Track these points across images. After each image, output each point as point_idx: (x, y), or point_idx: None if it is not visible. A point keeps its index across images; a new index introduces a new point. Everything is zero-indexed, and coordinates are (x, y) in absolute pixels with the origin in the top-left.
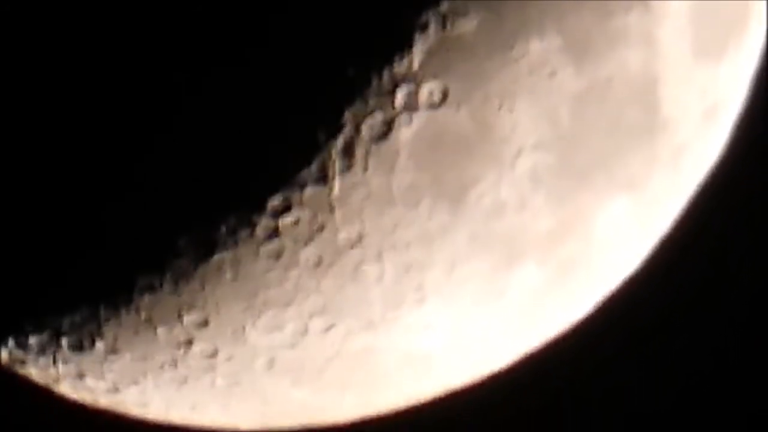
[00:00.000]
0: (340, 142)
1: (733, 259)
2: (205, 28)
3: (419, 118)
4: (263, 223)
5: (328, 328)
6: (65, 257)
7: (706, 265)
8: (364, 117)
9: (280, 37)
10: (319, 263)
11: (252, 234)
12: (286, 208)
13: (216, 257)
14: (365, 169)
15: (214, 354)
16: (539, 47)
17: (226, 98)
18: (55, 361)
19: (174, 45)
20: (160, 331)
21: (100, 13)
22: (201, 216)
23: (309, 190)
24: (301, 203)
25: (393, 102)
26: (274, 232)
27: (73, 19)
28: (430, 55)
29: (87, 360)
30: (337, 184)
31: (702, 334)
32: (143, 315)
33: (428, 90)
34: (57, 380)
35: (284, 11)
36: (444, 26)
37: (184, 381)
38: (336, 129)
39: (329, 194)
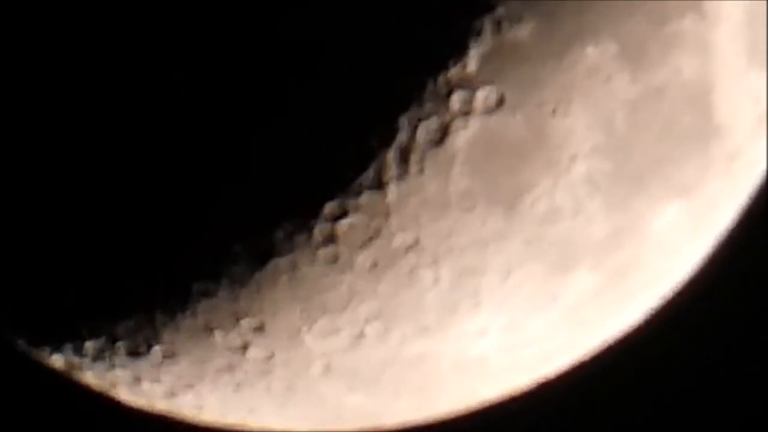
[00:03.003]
0: (395, 147)
1: None
2: (268, 37)
3: (474, 123)
4: (319, 229)
5: (384, 333)
6: (122, 263)
7: (761, 271)
8: (420, 122)
9: (337, 43)
10: (374, 268)
11: (308, 239)
12: (343, 214)
13: (272, 262)
14: (421, 174)
15: (270, 358)
16: (594, 53)
17: (283, 105)
18: (111, 367)
19: (235, 58)
20: (217, 335)
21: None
22: (258, 222)
23: (365, 196)
24: (357, 208)
25: (448, 107)
26: (331, 238)
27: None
28: (485, 60)
29: (143, 365)
30: (392, 190)
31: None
32: (200, 320)
33: (483, 95)
34: (114, 385)
35: (342, 18)
36: (499, 31)
37: (240, 385)
38: (391, 134)
39: (385, 199)
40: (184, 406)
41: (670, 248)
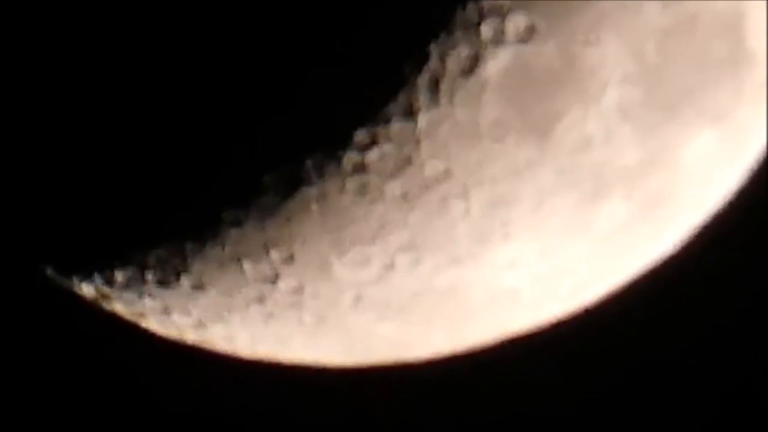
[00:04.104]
0: (425, 76)
1: None
2: None
3: (506, 52)
4: (349, 158)
5: (415, 264)
6: (151, 192)
7: None
8: (450, 51)
9: None
10: (405, 198)
11: (338, 168)
12: (372, 143)
13: (302, 192)
14: (451, 103)
15: (300, 290)
16: None
17: (313, 34)
18: (141, 297)
19: None
20: (246, 266)
21: None
22: (287, 151)
23: (395, 125)
24: (387, 137)
25: (479, 36)
26: (360, 167)
27: None
28: None
29: (173, 295)
30: (423, 119)
31: None
32: (229, 251)
33: (514, 24)
34: (143, 316)
35: None
36: None
37: (271, 317)
38: (421, 63)
39: (415, 129)
40: (214, 338)
41: (702, 176)
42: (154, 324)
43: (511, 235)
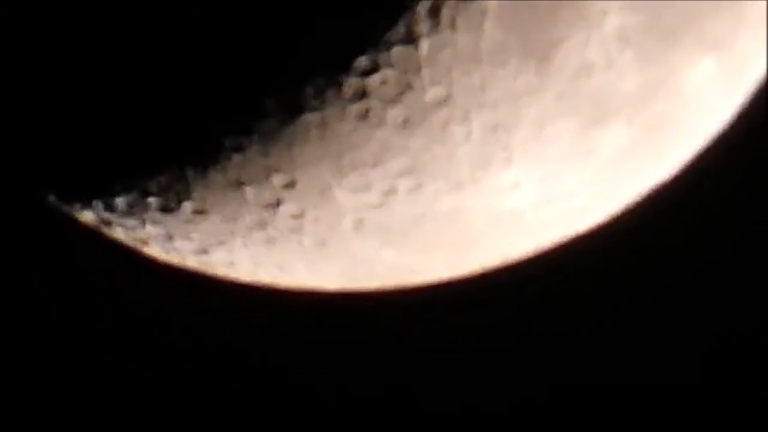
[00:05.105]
0: (426, 1)
1: None
2: None
3: None
4: (350, 83)
5: (416, 189)
6: (152, 118)
7: None
8: None
9: None
10: (406, 123)
11: (339, 94)
12: (374, 68)
13: (303, 118)
14: (452, 28)
15: (301, 215)
16: None
17: None
18: (143, 223)
19: None
20: (248, 192)
21: None
22: (288, 76)
23: (396, 50)
24: (388, 63)
25: None
26: (362, 92)
27: None
28: None
29: (175, 221)
30: (424, 44)
31: None
32: (231, 176)
33: None
34: (145, 241)
35: None
36: None
37: (272, 242)
38: None
39: (416, 54)
40: (216, 263)
41: (703, 102)
42: (155, 250)
43: (512, 159)
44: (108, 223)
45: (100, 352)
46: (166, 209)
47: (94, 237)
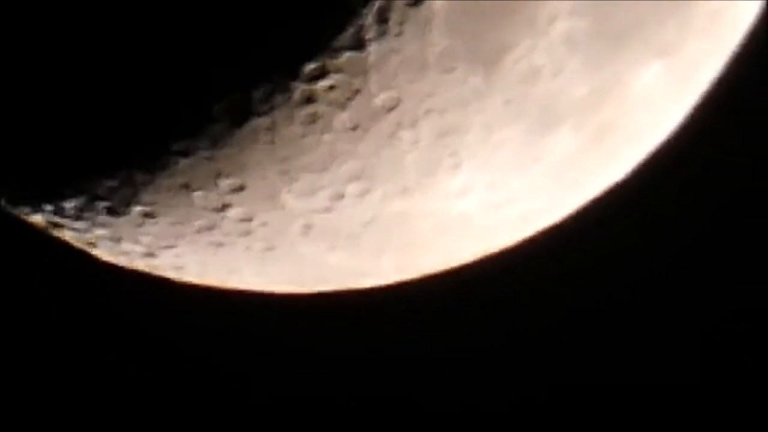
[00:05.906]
0: (375, 7)
1: None
2: None
3: None
4: (299, 89)
5: (364, 193)
6: (102, 121)
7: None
8: None
9: None
10: (354, 128)
11: (288, 99)
12: (322, 74)
13: (252, 122)
14: (400, 34)
15: (249, 219)
16: None
17: None
18: (91, 226)
19: None
20: (196, 195)
21: None
22: (237, 81)
23: (344, 56)
24: (336, 68)
25: None
26: (310, 98)
27: None
28: None
29: (123, 224)
30: (372, 50)
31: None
32: (179, 180)
33: None
34: (93, 244)
35: None
36: None
37: (220, 245)
38: None
39: (365, 60)
40: (164, 266)
41: (651, 107)
42: (103, 252)
43: (460, 165)
44: (57, 226)
45: (47, 353)
46: (114, 212)
47: (44, 239)
